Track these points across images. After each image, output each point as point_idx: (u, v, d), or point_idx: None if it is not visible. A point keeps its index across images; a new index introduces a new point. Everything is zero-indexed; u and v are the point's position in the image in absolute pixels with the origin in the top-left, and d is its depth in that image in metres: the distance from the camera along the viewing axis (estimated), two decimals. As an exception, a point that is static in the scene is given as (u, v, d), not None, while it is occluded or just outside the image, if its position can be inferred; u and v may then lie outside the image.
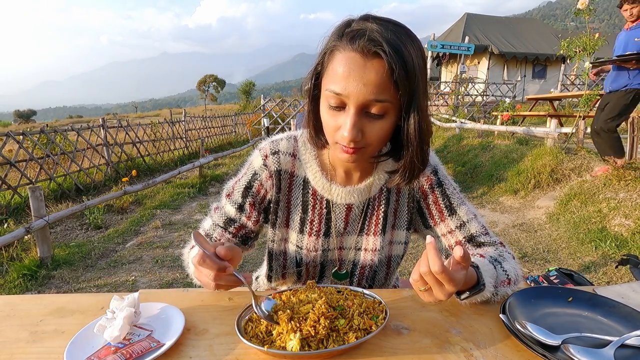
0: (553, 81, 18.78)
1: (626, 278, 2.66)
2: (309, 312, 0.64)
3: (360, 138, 0.71)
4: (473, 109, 11.60)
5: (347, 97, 0.68)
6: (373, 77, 0.66)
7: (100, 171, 6.26)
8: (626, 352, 0.59)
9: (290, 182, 0.90)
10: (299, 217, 0.91)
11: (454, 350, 0.62)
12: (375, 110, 0.69)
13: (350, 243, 0.92)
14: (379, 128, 0.71)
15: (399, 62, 0.65)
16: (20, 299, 0.82)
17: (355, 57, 0.67)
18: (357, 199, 0.88)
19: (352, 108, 0.69)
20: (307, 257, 0.91)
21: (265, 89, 62.79)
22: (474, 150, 6.78)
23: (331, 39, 0.72)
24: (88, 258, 3.36)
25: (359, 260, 0.93)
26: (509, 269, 0.79)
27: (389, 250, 0.94)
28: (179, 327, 0.66)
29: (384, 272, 0.95)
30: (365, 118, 0.71)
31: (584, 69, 5.04)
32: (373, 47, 0.65)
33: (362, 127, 0.71)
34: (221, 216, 0.92)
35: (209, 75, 52.08)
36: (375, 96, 0.67)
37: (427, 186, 0.90)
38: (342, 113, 0.71)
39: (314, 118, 0.81)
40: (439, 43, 11.46)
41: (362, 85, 0.67)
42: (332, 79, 0.70)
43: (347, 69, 0.67)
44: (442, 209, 0.90)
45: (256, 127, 12.70)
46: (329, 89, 0.70)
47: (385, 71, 0.66)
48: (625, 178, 3.81)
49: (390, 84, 0.67)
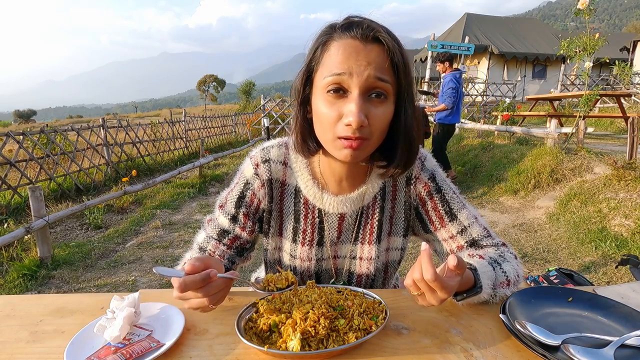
0: (553, 81, 18.78)
1: (626, 278, 2.66)
2: (308, 312, 0.64)
3: (366, 124, 0.68)
4: (473, 109, 11.60)
5: (350, 77, 0.66)
6: (374, 56, 0.67)
7: (100, 171, 6.25)
8: (626, 352, 0.59)
9: (281, 191, 0.88)
10: (291, 227, 0.89)
11: (454, 350, 0.62)
12: (378, 91, 0.68)
13: (344, 252, 0.90)
14: (382, 113, 0.70)
15: (397, 48, 0.68)
16: (20, 299, 0.82)
17: (355, 43, 0.67)
18: (349, 208, 0.86)
19: (356, 90, 0.67)
20: (301, 267, 0.90)
21: (265, 89, 62.75)
22: (474, 150, 6.78)
23: (323, 34, 0.71)
24: (88, 258, 3.36)
25: (354, 269, 0.91)
26: (508, 270, 0.78)
27: (386, 257, 0.92)
28: (179, 327, 0.66)
29: (382, 278, 0.94)
30: (368, 102, 0.69)
31: (584, 69, 5.04)
32: (371, 32, 0.67)
33: (367, 112, 0.68)
34: (215, 228, 0.89)
35: (209, 75, 52.05)
36: (380, 74, 0.67)
37: (425, 193, 0.88)
38: (343, 100, 0.68)
39: (302, 121, 0.78)
40: (439, 43, 11.44)
41: (366, 63, 0.66)
42: (330, 65, 0.68)
43: (347, 52, 0.67)
44: (442, 215, 0.87)
45: (256, 127, 12.71)
46: (329, 74, 0.68)
47: (385, 55, 0.67)
48: (625, 178, 3.81)
49: (390, 68, 0.68)
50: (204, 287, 0.62)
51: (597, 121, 8.95)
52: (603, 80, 16.27)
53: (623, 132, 4.38)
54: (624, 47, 19.84)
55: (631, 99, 11.94)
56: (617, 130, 8.54)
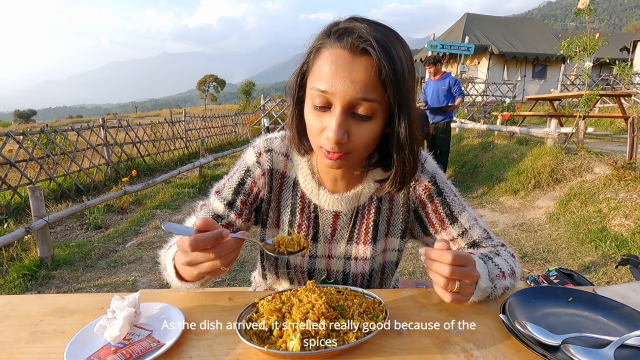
0: (553, 81, 18.78)
1: (626, 278, 2.66)
2: (308, 312, 0.64)
3: (345, 140, 0.67)
4: (473, 109, 11.59)
5: (333, 95, 0.65)
6: (361, 74, 0.64)
7: (100, 171, 6.25)
8: (626, 352, 0.59)
9: (281, 182, 0.88)
10: (287, 220, 0.89)
11: (454, 350, 0.62)
12: (362, 110, 0.66)
13: (339, 252, 0.89)
14: (366, 131, 0.68)
15: (388, 61, 0.63)
16: (20, 299, 0.82)
17: (343, 54, 0.65)
18: (344, 207, 0.86)
19: (338, 107, 0.66)
20: (294, 261, 0.89)
21: (265, 89, 62.46)
22: (474, 150, 6.79)
23: (318, 38, 0.70)
24: (88, 258, 3.36)
25: (349, 270, 0.90)
26: (500, 263, 0.78)
27: (383, 257, 0.92)
28: (179, 327, 0.66)
29: (379, 278, 0.93)
30: (351, 119, 0.67)
31: (584, 69, 5.04)
32: (361, 43, 0.64)
33: (348, 128, 0.67)
34: (208, 212, 0.87)
35: (209, 75, 52.05)
36: (363, 94, 0.64)
37: (426, 195, 0.87)
38: (328, 114, 0.68)
39: (297, 121, 0.78)
40: (439, 43, 11.45)
41: (350, 83, 0.64)
42: (318, 77, 0.67)
43: (334, 66, 0.65)
44: (443, 217, 0.87)
45: (256, 127, 12.70)
46: (315, 88, 0.67)
47: (373, 69, 0.64)
48: (625, 178, 3.81)
49: (379, 84, 0.65)
50: (215, 247, 0.60)
51: (597, 121, 8.94)
52: (603, 80, 16.27)
53: (623, 132, 4.38)
54: (624, 47, 19.84)
55: (631, 99, 11.94)
56: (617, 130, 8.54)
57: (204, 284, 0.80)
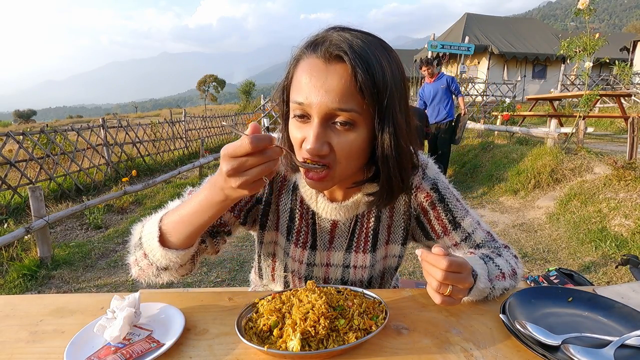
0: (553, 81, 18.77)
1: (626, 278, 2.66)
2: (308, 312, 0.64)
3: (326, 152, 0.65)
4: (473, 109, 11.59)
5: (309, 107, 0.64)
6: (335, 83, 0.62)
7: (100, 171, 6.25)
8: (626, 352, 0.59)
9: (281, 185, 0.87)
10: (286, 224, 0.88)
11: (454, 350, 0.62)
12: (341, 120, 0.64)
13: (337, 260, 0.88)
14: (348, 141, 0.66)
15: (363, 68, 0.61)
16: (20, 299, 0.82)
17: (317, 63, 0.64)
18: (342, 216, 0.84)
19: (316, 118, 0.64)
20: (292, 267, 0.88)
21: (265, 89, 62.99)
22: (474, 150, 6.79)
23: (298, 50, 0.70)
24: (88, 258, 3.36)
25: (348, 277, 0.88)
26: (501, 264, 0.78)
27: (383, 264, 0.91)
28: (179, 327, 0.66)
29: (378, 284, 0.93)
30: (331, 130, 0.66)
31: (584, 69, 5.04)
32: (335, 50, 0.62)
33: (328, 139, 0.65)
34: None
35: (209, 75, 52.05)
36: (338, 104, 0.62)
37: (427, 203, 0.85)
38: (308, 125, 0.66)
39: (287, 136, 0.74)
40: (439, 43, 11.44)
41: (324, 92, 0.62)
42: (296, 88, 0.66)
43: (309, 76, 0.64)
44: (446, 223, 0.85)
45: (256, 127, 12.66)
46: (294, 100, 0.67)
47: (349, 77, 0.62)
48: (625, 178, 3.82)
49: (356, 92, 0.62)
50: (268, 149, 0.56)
51: (597, 121, 8.95)
52: (603, 80, 16.27)
53: (623, 132, 4.38)
54: (624, 47, 19.84)
55: (631, 99, 11.94)
56: (617, 130, 8.54)
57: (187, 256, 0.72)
